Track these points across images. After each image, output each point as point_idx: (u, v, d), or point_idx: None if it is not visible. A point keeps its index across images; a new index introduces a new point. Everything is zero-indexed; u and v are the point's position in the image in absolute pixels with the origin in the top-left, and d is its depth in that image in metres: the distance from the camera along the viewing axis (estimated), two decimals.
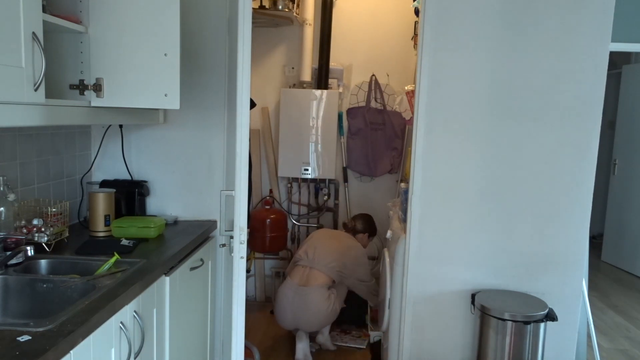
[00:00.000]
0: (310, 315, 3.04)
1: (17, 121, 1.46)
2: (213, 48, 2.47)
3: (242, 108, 1.80)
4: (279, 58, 3.96)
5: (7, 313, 1.62)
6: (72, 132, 2.39)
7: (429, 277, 2.38)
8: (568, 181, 2.29)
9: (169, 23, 1.87)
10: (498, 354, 2.16)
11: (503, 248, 2.34)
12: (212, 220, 2.53)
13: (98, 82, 1.88)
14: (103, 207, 2.20)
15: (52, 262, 1.83)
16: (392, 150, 3.88)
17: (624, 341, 3.62)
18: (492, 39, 2.25)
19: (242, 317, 1.89)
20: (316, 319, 3.06)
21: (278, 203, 4.03)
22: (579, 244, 2.32)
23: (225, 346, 2.61)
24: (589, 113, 2.25)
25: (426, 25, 2.26)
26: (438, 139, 2.32)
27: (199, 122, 2.51)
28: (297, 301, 3.03)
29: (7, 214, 1.81)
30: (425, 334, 2.42)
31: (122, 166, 2.53)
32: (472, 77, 2.28)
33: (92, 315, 1.34)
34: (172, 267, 1.97)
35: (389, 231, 2.76)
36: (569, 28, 2.21)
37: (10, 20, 1.32)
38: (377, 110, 3.88)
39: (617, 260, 5.40)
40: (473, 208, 2.34)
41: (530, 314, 2.11)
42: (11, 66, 1.33)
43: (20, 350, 1.14)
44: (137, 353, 1.64)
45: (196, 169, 2.53)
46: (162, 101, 1.92)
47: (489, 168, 2.32)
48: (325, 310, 3.04)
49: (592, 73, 2.23)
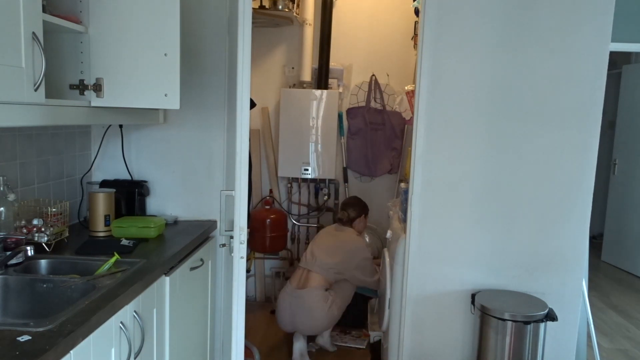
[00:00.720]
0: (308, 318, 3.01)
1: (17, 121, 1.46)
2: (213, 48, 2.47)
3: (242, 108, 1.80)
4: (279, 58, 3.96)
5: (7, 313, 1.62)
6: (72, 132, 2.39)
7: (429, 277, 2.38)
8: (568, 181, 2.29)
9: (169, 23, 1.87)
10: (498, 354, 2.16)
11: (503, 248, 2.34)
12: (212, 220, 2.53)
13: (98, 82, 1.88)
14: (103, 207, 2.20)
15: (52, 262, 1.83)
16: (391, 150, 3.88)
17: (624, 341, 3.62)
18: (492, 39, 2.25)
19: (242, 317, 1.89)
20: (314, 321, 3.03)
21: (278, 203, 4.03)
22: (579, 244, 2.32)
23: (225, 346, 2.61)
24: (589, 113, 2.25)
25: (426, 25, 2.26)
26: (438, 139, 2.32)
27: (199, 122, 2.51)
28: (294, 304, 3.01)
29: (7, 214, 1.81)
30: (425, 334, 2.42)
31: (122, 166, 2.53)
32: (472, 77, 2.28)
33: (92, 315, 1.34)
34: (172, 267, 1.97)
35: (389, 231, 2.76)
36: (569, 28, 2.21)
37: (10, 20, 1.32)
38: (377, 110, 3.88)
39: (617, 260, 5.40)
40: (473, 208, 2.34)
41: (530, 314, 2.11)
42: (11, 66, 1.33)
43: (20, 350, 1.14)
44: (137, 353, 1.64)
45: (196, 169, 2.53)
46: (162, 101, 1.92)
47: (489, 168, 2.32)
48: (323, 312, 2.99)
49: (592, 73, 2.23)
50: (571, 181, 2.29)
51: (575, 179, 2.29)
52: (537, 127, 2.28)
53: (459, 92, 2.29)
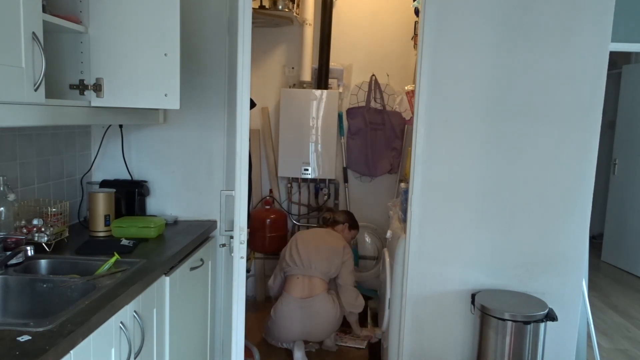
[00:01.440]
0: (323, 323, 3.07)
1: (17, 121, 1.46)
2: (213, 48, 2.47)
3: (242, 108, 1.80)
4: (279, 58, 3.96)
5: (7, 313, 1.62)
6: (72, 132, 2.39)
7: (429, 277, 2.38)
8: (568, 181, 2.29)
9: (169, 23, 1.87)
10: (498, 354, 2.16)
11: (503, 248, 2.34)
12: (212, 220, 2.53)
13: (98, 82, 1.88)
14: (103, 207, 2.20)
15: (52, 262, 1.83)
16: (391, 151, 3.88)
17: (624, 341, 3.62)
18: (492, 38, 2.25)
19: (242, 317, 1.89)
20: (328, 325, 3.09)
21: (278, 203, 4.03)
22: (579, 244, 2.32)
23: (225, 346, 2.60)
24: (589, 113, 2.25)
25: (426, 25, 2.26)
26: (438, 139, 2.32)
27: (199, 122, 2.51)
28: (305, 314, 3.03)
29: (7, 214, 1.81)
30: (425, 334, 2.42)
31: (122, 166, 2.53)
32: (472, 77, 2.28)
33: (92, 315, 1.34)
34: (172, 267, 1.97)
35: (389, 231, 2.76)
36: (569, 28, 2.21)
37: (10, 20, 1.32)
38: (377, 110, 3.88)
39: (617, 260, 5.40)
40: (473, 208, 2.34)
41: (530, 314, 2.11)
42: (11, 66, 1.33)
43: (20, 350, 1.14)
44: (137, 353, 1.64)
45: (196, 169, 2.53)
46: (162, 101, 1.92)
47: (489, 168, 2.32)
48: (335, 315, 3.09)
49: (592, 73, 2.23)
50: (571, 181, 2.29)
51: (575, 179, 2.29)
52: (537, 127, 2.28)
53: (459, 92, 2.29)
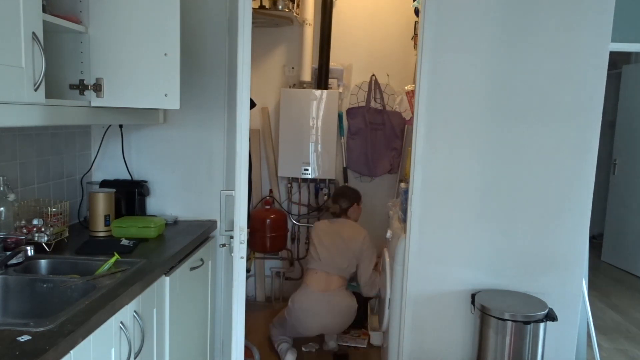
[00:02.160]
0: (341, 317, 3.09)
1: (17, 121, 1.46)
2: (213, 48, 2.47)
3: (242, 108, 1.80)
4: (279, 58, 3.96)
5: (7, 313, 1.62)
6: (72, 132, 2.39)
7: (429, 277, 2.38)
8: (568, 181, 2.29)
9: (169, 23, 1.87)
10: (498, 354, 2.16)
11: (503, 248, 2.34)
12: (212, 220, 2.53)
13: (98, 82, 1.88)
14: (103, 207, 2.20)
15: (52, 262, 1.83)
16: (391, 151, 3.88)
17: (624, 341, 3.62)
18: (492, 38, 2.25)
19: (242, 317, 1.89)
20: (346, 318, 3.12)
21: (278, 203, 4.03)
22: (579, 244, 2.32)
23: (225, 346, 2.61)
24: (589, 113, 2.25)
25: (426, 25, 2.26)
26: (438, 139, 2.32)
27: (199, 122, 2.51)
28: (323, 307, 3.04)
29: (7, 214, 1.81)
30: (425, 334, 2.42)
31: (122, 166, 2.53)
32: (472, 77, 2.28)
33: (92, 315, 1.34)
34: (172, 267, 1.97)
35: (389, 231, 2.76)
36: (569, 28, 2.21)
37: (10, 20, 1.32)
38: (377, 110, 3.88)
39: (617, 260, 5.40)
40: (473, 208, 2.34)
41: (530, 314, 2.11)
42: (11, 66, 1.33)
43: (20, 350, 1.14)
44: (137, 353, 1.64)
45: (196, 169, 2.53)
46: (162, 101, 1.92)
47: (489, 168, 2.32)
48: (353, 309, 3.12)
49: (592, 73, 2.23)
50: (571, 181, 2.29)
51: (575, 178, 2.29)
52: (537, 127, 2.28)
53: (459, 92, 2.29)
